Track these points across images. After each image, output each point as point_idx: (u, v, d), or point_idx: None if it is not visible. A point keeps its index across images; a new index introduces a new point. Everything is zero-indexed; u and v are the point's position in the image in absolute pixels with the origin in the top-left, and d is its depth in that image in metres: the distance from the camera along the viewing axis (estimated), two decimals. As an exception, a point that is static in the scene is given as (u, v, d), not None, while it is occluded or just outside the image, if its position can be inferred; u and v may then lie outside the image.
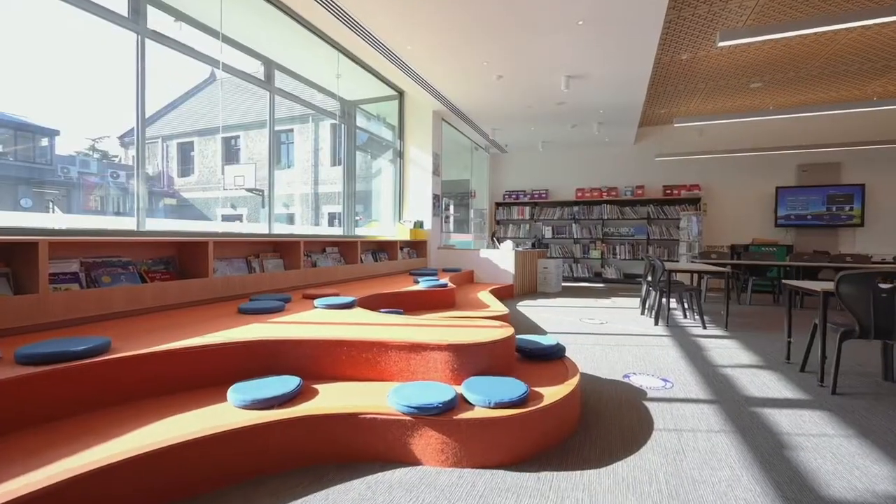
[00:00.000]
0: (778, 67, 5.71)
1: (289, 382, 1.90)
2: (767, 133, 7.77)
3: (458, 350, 2.03)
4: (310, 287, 4.12)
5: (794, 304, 5.90)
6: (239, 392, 1.78)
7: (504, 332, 2.28)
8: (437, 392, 1.80)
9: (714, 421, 2.11)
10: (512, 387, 1.87)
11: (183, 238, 3.10)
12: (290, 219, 10.75)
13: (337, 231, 6.06)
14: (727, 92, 6.59)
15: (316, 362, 2.10)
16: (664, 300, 4.46)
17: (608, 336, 3.90)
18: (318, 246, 4.77)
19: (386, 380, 2.09)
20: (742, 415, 2.19)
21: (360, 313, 2.83)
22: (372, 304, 3.68)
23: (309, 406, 1.76)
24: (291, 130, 10.99)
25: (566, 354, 2.62)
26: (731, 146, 7.90)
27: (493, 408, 1.75)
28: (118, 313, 2.58)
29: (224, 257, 3.62)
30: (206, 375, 1.97)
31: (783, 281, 3.16)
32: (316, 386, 2.00)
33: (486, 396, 1.77)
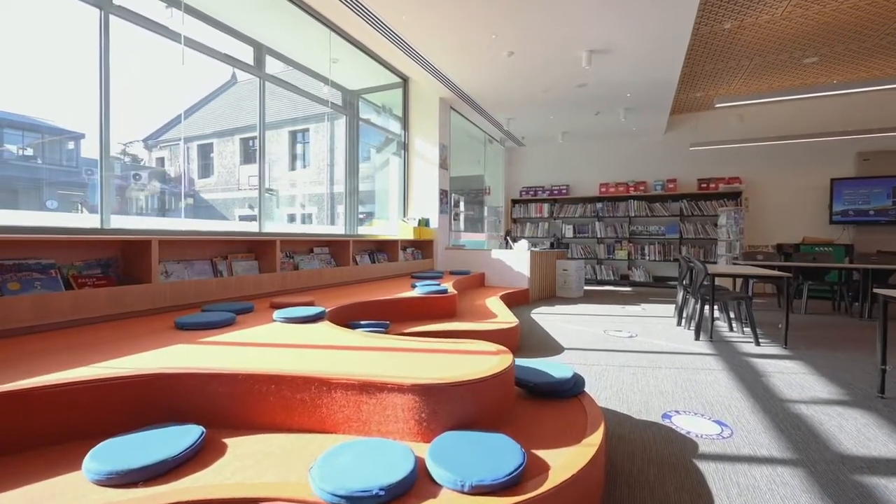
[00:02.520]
0: (838, 37, 4.87)
1: (183, 438, 1.33)
2: (821, 117, 6.85)
3: (427, 393, 1.42)
4: (285, 293, 3.58)
5: (855, 313, 5.04)
6: (98, 458, 1.22)
7: (498, 363, 1.66)
8: (386, 462, 1.19)
9: (805, 501, 1.44)
10: (502, 453, 1.25)
11: (123, 237, 2.59)
12: (306, 218, 10.60)
13: (339, 230, 5.53)
14: (776, 69, 5.75)
15: (234, 404, 1.53)
16: (706, 310, 3.74)
17: (639, 354, 3.22)
18: (304, 246, 4.23)
19: (328, 431, 1.49)
20: (844, 488, 1.51)
21: (322, 330, 2.25)
22: (352, 314, 3.11)
23: (189, 484, 1.18)
24: (307, 130, 10.90)
25: (586, 387, 1.98)
26: (778, 133, 7.00)
27: (470, 493, 1.13)
28: (18, 329, 2.08)
29: (184, 259, 3.12)
30: (77, 426, 1.42)
31: (876, 291, 2.43)
32: (226, 440, 1.42)
33: (458, 474, 1.15)
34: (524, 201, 9.08)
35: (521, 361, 2.07)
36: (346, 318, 3.06)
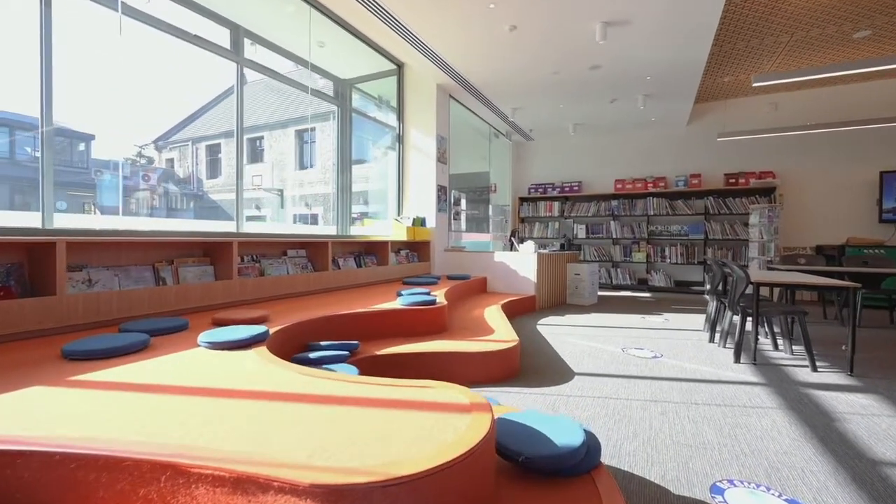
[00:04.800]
0: (899, 4, 4.17)
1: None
2: (868, 102, 6.09)
3: (337, 499, 0.85)
4: (240, 305, 3.05)
5: (923, 326, 4.32)
6: None
7: (468, 429, 1.08)
8: None
9: None
10: None
11: (23, 238, 2.08)
12: (313, 219, 10.46)
13: (317, 230, 5.02)
14: (820, 46, 5.05)
15: (46, 498, 0.98)
16: (748, 325, 3.10)
17: (669, 384, 2.60)
18: (276, 248, 3.71)
19: (187, 551, 0.93)
20: None
21: (247, 362, 1.70)
22: (315, 332, 2.56)
23: None
24: (313, 129, 10.78)
25: (603, 439, 1.39)
26: (817, 121, 6.27)
27: None
28: None
29: (116, 265, 2.61)
30: None
31: None
32: (12, 572, 0.88)
33: None
34: (533, 199, 8.46)
35: (508, 406, 1.48)
36: (306, 337, 2.51)
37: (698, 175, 7.08)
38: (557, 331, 4.05)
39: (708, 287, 6.91)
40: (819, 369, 2.89)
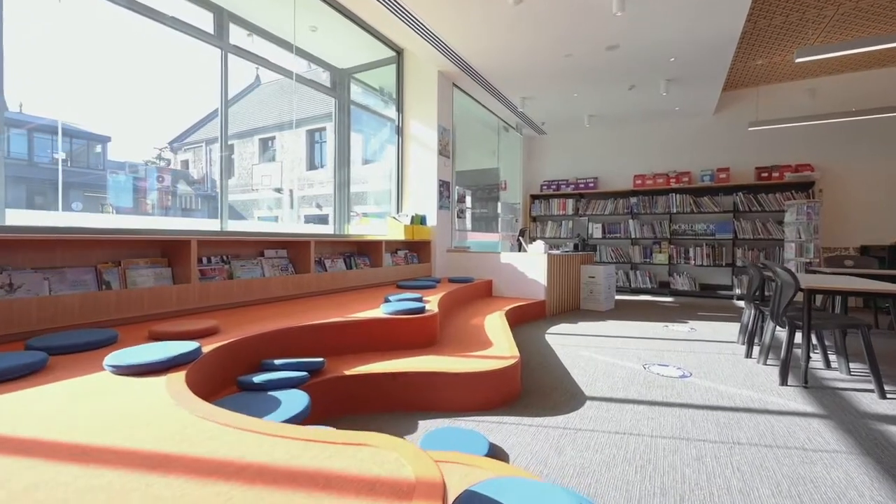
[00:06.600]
0: (971, -36, 3.58)
1: None
2: (923, 85, 5.45)
3: None
4: (197, 313, 2.67)
5: None
6: None
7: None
8: None
9: None
10: None
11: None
12: (324, 220, 10.40)
13: (298, 229, 4.65)
14: (870, 18, 4.46)
15: None
16: (796, 340, 2.59)
17: (703, 413, 2.11)
18: (251, 248, 3.33)
19: None
20: None
21: (150, 395, 1.30)
22: (276, 346, 2.15)
23: None
24: (324, 129, 10.75)
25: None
26: (861, 107, 5.64)
27: None
28: None
29: (51, 266, 2.26)
30: None
31: None
32: None
33: None
34: (545, 197, 7.96)
35: (494, 465, 1.04)
36: (263, 352, 2.11)
37: (726, 169, 6.49)
38: (568, 341, 3.58)
39: (739, 292, 6.32)
40: (888, 395, 2.37)
